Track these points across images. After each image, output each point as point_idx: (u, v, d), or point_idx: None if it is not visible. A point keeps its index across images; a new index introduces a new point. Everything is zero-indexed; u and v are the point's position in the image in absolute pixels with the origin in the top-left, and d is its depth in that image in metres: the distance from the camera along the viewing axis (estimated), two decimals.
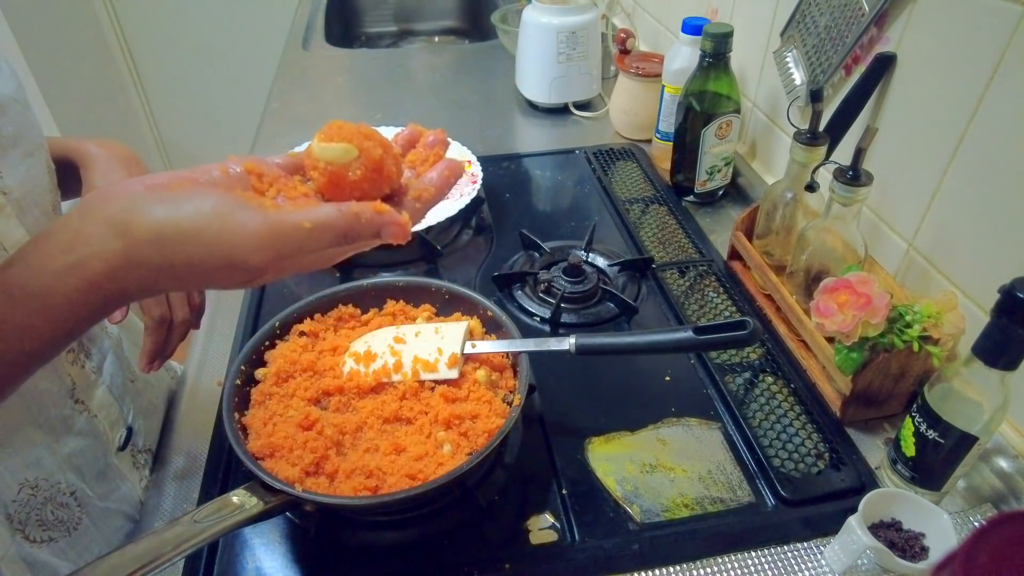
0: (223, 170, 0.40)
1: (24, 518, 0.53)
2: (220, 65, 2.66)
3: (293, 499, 0.52)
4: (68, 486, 0.57)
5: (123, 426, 0.65)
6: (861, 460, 0.64)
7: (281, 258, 0.36)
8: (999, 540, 0.27)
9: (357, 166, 0.40)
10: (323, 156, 0.40)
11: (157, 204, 0.35)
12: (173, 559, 0.46)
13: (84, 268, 0.34)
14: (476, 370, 0.63)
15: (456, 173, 0.45)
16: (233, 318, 0.83)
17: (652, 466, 0.64)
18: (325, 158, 0.40)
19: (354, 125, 0.42)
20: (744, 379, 0.73)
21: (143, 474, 0.67)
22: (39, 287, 0.34)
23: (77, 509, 0.58)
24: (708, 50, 0.90)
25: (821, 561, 0.56)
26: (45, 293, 0.34)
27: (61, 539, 0.56)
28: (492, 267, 0.90)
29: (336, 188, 0.41)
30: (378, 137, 0.42)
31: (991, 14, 0.59)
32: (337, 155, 0.40)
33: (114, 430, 0.63)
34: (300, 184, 0.43)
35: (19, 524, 0.53)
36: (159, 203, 0.35)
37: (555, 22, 1.21)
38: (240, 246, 0.35)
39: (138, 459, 0.67)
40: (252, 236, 0.35)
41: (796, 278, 0.76)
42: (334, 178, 0.41)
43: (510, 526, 0.60)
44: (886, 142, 0.75)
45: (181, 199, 0.36)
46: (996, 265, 0.63)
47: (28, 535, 0.54)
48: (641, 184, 1.08)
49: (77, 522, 0.58)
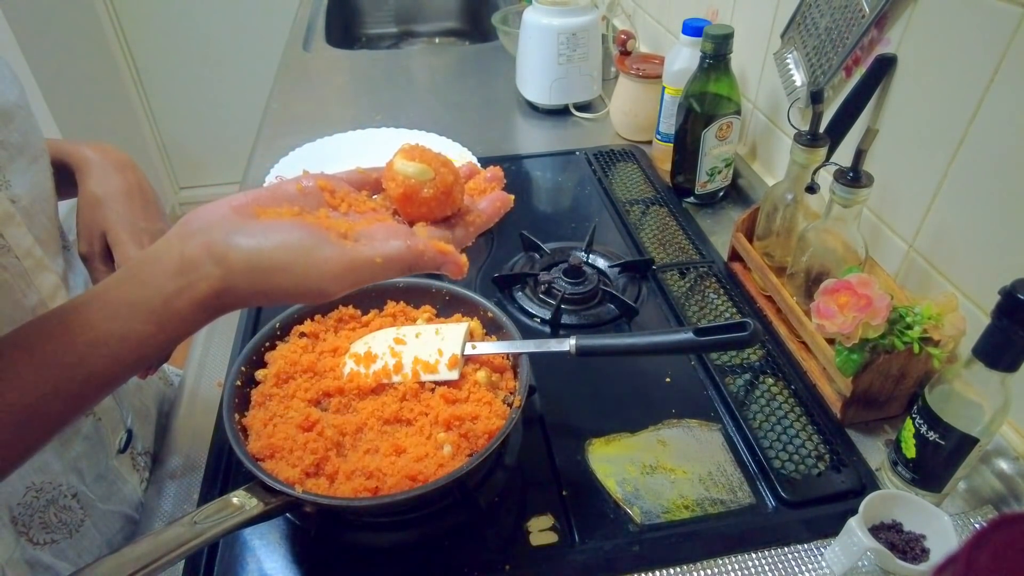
0: (299, 187, 0.45)
1: (28, 520, 0.53)
2: (221, 66, 2.66)
3: (293, 500, 0.52)
4: (70, 488, 0.57)
5: (123, 429, 0.65)
6: (861, 462, 0.64)
7: (355, 286, 0.41)
8: (1000, 542, 0.27)
9: (431, 186, 0.45)
10: (403, 171, 0.46)
11: (248, 235, 0.40)
12: (173, 560, 0.46)
13: (193, 290, 0.39)
14: (476, 371, 0.63)
15: (506, 205, 0.50)
16: (233, 319, 0.83)
17: (652, 467, 0.64)
18: (405, 173, 0.46)
19: (433, 151, 0.47)
20: (745, 380, 0.73)
21: (143, 476, 0.67)
22: (158, 304, 0.39)
23: (80, 511, 0.58)
24: (708, 51, 0.90)
25: (822, 563, 0.56)
26: (162, 309, 0.39)
27: (63, 541, 0.56)
28: (492, 268, 0.90)
29: (409, 202, 0.46)
30: (451, 166, 0.47)
31: (991, 15, 0.59)
32: (416, 173, 0.46)
33: (115, 433, 0.63)
34: (367, 200, 0.48)
35: (23, 527, 0.53)
36: (249, 234, 0.40)
37: (556, 23, 1.21)
38: (322, 279, 0.40)
39: (138, 461, 0.67)
40: (332, 271, 0.40)
41: (796, 279, 0.76)
42: (409, 192, 0.45)
43: (510, 527, 0.60)
44: (887, 143, 0.75)
45: (269, 231, 0.40)
46: (997, 266, 0.63)
47: (32, 537, 0.54)
48: (641, 185, 1.08)
49: (79, 524, 0.58)
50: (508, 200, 0.50)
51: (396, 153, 0.47)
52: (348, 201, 0.47)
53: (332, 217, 0.44)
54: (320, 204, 0.45)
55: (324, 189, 0.46)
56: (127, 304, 0.39)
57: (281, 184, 0.45)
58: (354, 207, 0.46)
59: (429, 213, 0.46)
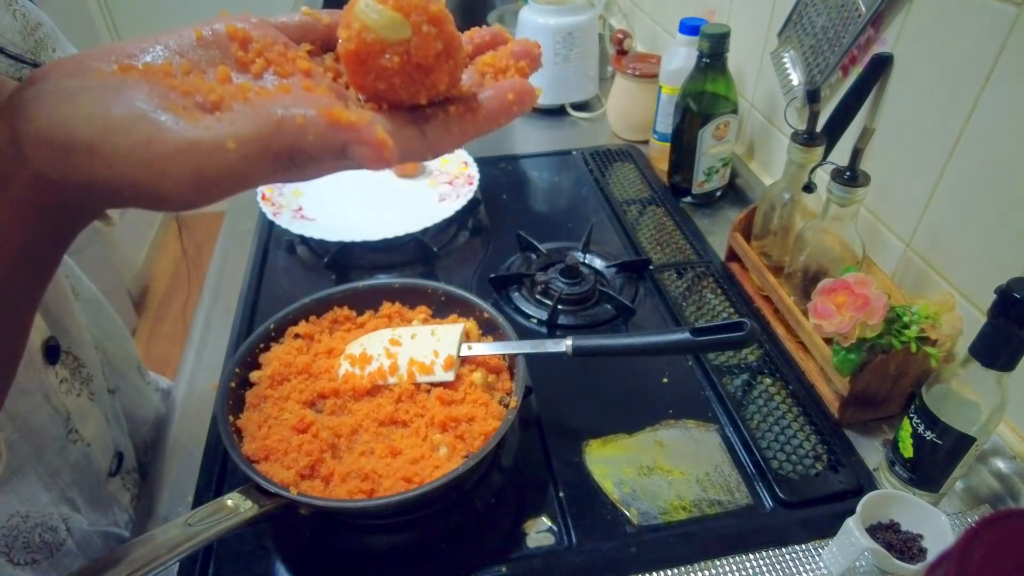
0: (198, 33, 0.32)
1: (11, 543, 0.52)
2: None
3: (288, 502, 0.52)
4: (60, 515, 0.55)
5: (113, 452, 0.63)
6: (859, 462, 0.64)
7: (202, 185, 0.27)
8: (993, 539, 0.27)
9: (398, 52, 0.30)
10: (363, 18, 0.30)
11: (57, 103, 0.28)
12: (167, 563, 0.46)
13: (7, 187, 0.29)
14: (472, 372, 0.63)
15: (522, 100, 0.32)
16: (228, 320, 0.83)
17: (650, 468, 0.64)
18: (365, 21, 0.30)
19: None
20: (742, 381, 0.73)
21: (132, 493, 0.66)
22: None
23: (65, 533, 0.56)
24: (705, 51, 0.89)
25: (819, 563, 0.56)
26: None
27: (43, 561, 0.54)
28: (489, 269, 0.90)
29: (361, 67, 0.30)
30: (447, 27, 0.31)
31: (987, 14, 0.59)
32: (381, 25, 0.29)
33: (106, 458, 0.61)
34: (302, 58, 0.33)
35: (5, 548, 0.51)
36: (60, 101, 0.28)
37: (552, 23, 1.21)
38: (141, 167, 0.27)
39: (127, 480, 0.65)
40: (156, 157, 0.26)
41: (794, 279, 0.76)
42: (362, 52, 0.30)
43: (507, 529, 0.60)
44: (883, 143, 0.75)
45: (88, 96, 0.28)
46: (993, 265, 0.63)
47: (12, 558, 0.52)
48: (638, 185, 1.08)
49: (60, 544, 0.56)
50: (529, 94, 0.32)
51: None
52: (268, 57, 0.32)
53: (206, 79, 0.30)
54: (224, 60, 0.32)
55: (235, 38, 0.32)
56: None
57: (183, 29, 0.32)
58: (276, 66, 0.32)
59: (390, 91, 0.31)
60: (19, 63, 0.51)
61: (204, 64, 0.31)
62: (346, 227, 0.92)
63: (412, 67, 0.30)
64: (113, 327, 0.72)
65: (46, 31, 0.55)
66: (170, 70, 0.30)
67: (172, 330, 2.42)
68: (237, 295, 0.87)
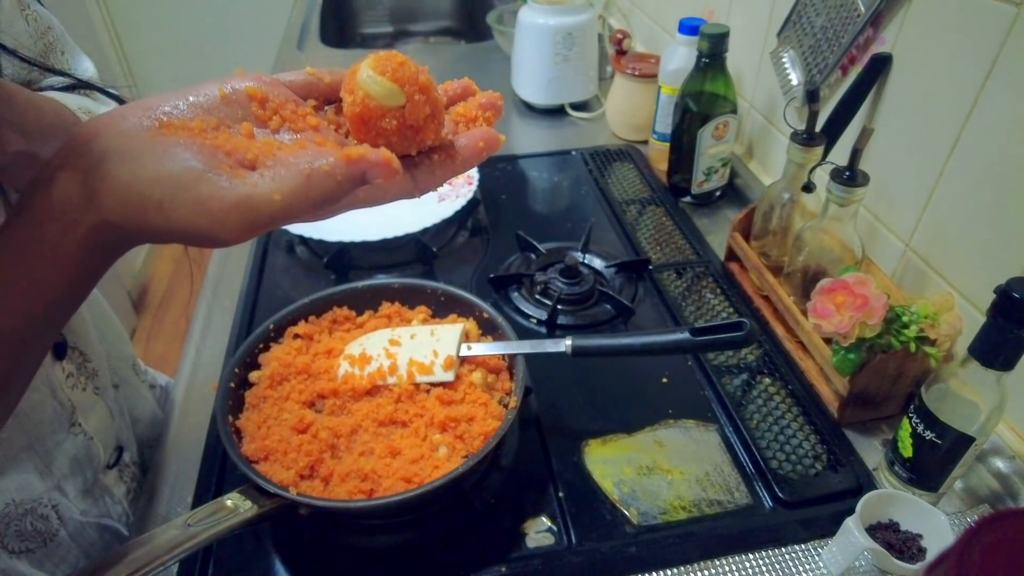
0: (222, 93, 0.36)
1: (3, 529, 0.52)
2: (215, 66, 2.65)
3: (288, 502, 0.52)
4: (51, 501, 0.56)
5: (115, 445, 0.64)
6: (859, 461, 0.64)
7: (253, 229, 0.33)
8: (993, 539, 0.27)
9: (396, 116, 0.36)
10: (366, 87, 0.36)
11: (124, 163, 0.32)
12: (167, 563, 0.46)
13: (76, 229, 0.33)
14: (472, 372, 0.63)
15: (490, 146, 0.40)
16: (227, 320, 0.83)
17: (649, 468, 0.64)
18: (367, 90, 0.36)
19: (414, 67, 0.37)
20: (741, 381, 0.73)
21: (129, 487, 0.66)
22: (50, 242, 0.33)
23: (56, 522, 0.57)
24: (705, 51, 0.89)
25: (819, 563, 0.56)
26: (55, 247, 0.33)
27: (37, 550, 0.55)
28: (488, 269, 0.90)
29: (364, 127, 0.37)
30: (432, 93, 0.37)
31: (986, 14, 0.59)
32: (382, 95, 0.36)
33: (107, 450, 0.62)
34: (310, 114, 0.38)
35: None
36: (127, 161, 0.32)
37: (551, 23, 1.21)
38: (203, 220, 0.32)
39: (124, 473, 0.66)
40: (215, 211, 0.32)
41: (793, 279, 0.76)
42: (367, 116, 0.36)
43: (506, 529, 0.60)
44: (882, 143, 0.75)
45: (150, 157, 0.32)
46: (992, 265, 0.63)
47: (7, 546, 0.52)
48: (638, 185, 1.08)
49: (53, 534, 0.56)
50: (494, 140, 0.40)
51: (365, 59, 0.37)
52: (283, 115, 0.38)
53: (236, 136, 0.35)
54: (246, 116, 0.37)
55: (254, 98, 0.37)
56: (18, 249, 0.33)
57: (205, 86, 0.37)
58: (289, 123, 0.37)
59: (388, 146, 0.37)
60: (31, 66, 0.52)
61: (229, 120, 0.36)
62: (345, 227, 0.92)
63: (406, 127, 0.37)
64: (109, 326, 0.73)
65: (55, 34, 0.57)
66: (203, 127, 0.35)
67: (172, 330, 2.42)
68: (237, 295, 0.87)
